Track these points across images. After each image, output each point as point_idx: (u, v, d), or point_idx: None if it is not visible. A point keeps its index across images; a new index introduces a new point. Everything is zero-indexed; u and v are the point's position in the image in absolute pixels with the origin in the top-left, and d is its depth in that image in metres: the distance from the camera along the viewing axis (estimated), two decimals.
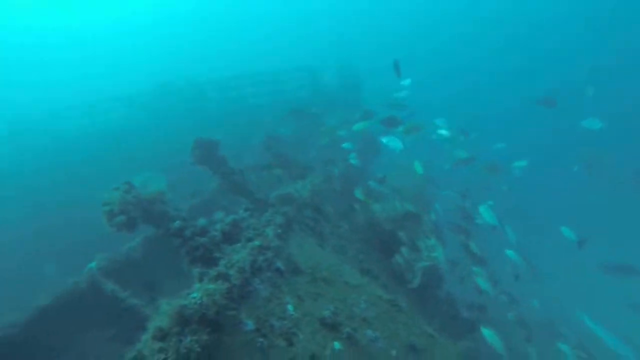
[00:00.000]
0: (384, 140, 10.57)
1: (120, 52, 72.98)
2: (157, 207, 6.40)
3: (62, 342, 7.34)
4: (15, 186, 17.03)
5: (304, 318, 6.01)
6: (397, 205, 10.92)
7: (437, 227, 11.02)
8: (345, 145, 12.09)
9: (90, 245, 9.84)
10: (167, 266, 9.54)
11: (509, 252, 10.47)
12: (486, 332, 6.83)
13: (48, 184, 16.61)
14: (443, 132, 12.29)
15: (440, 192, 15.55)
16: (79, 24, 68.77)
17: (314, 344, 5.64)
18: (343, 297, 7.01)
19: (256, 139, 12.19)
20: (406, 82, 12.84)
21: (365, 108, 15.43)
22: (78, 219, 13.34)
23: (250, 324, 5.24)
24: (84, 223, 11.23)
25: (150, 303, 7.97)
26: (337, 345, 5.86)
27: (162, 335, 4.01)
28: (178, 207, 7.02)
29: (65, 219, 15.00)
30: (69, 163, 17.05)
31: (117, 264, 9.09)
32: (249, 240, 6.62)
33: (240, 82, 19.97)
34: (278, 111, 16.98)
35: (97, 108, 19.17)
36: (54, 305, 7.48)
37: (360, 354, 5.99)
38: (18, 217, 16.00)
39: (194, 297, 4.47)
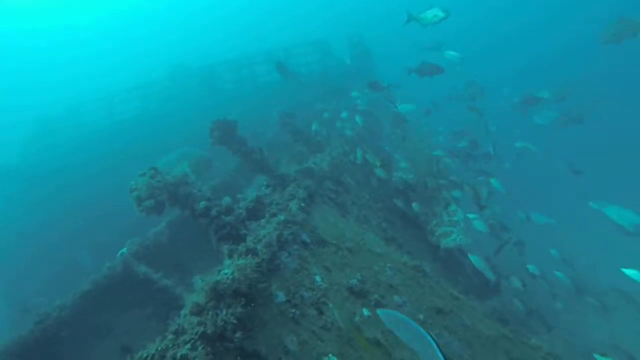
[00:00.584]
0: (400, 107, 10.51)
1: (130, 42, 72.94)
2: (182, 190, 6.55)
3: (108, 321, 7.71)
4: (48, 185, 17.55)
5: (332, 287, 6.16)
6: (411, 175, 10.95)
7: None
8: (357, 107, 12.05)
9: (124, 233, 10.22)
10: (192, 247, 9.84)
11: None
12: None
13: (80, 180, 17.04)
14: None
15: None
16: (81, 22, 68.51)
17: (343, 311, 5.81)
18: (369, 266, 7.14)
19: (273, 116, 12.23)
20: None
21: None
22: (112, 210, 13.81)
23: (281, 296, 5.41)
24: (119, 212, 11.60)
25: (180, 283, 8.28)
26: (365, 311, 6.02)
27: (199, 310, 4.19)
28: (202, 189, 7.17)
29: (101, 211, 15.54)
30: (96, 157, 17.41)
31: (147, 248, 9.41)
32: (273, 215, 6.75)
33: (252, 61, 19.92)
34: (291, 87, 16.89)
35: (114, 100, 19.37)
36: (94, 289, 7.84)
37: None
38: (56, 215, 16.58)
39: (226, 273, 4.63)
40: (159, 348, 3.52)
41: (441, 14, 8.85)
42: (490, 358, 6.51)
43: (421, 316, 6.47)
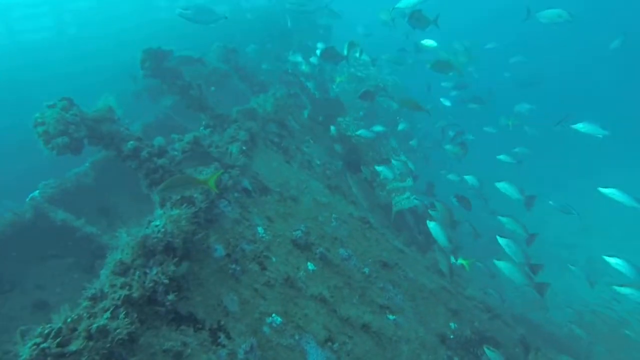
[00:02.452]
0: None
1: None
2: (105, 127, 5.60)
3: (14, 275, 6.73)
4: None
5: (275, 240, 5.67)
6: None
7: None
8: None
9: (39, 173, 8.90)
10: (123, 191, 8.85)
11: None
12: (430, 224, 6.75)
13: None
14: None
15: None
16: None
17: (287, 266, 5.35)
18: (314, 216, 6.70)
19: (213, 50, 11.00)
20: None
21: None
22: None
23: (220, 250, 4.83)
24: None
25: (108, 230, 7.37)
26: (310, 266, 5.61)
27: (124, 270, 3.53)
28: (130, 126, 6.22)
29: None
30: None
31: (66, 191, 8.28)
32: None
33: None
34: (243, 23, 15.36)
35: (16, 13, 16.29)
36: None
37: (334, 273, 5.79)
38: None
39: (157, 225, 3.95)
40: (69, 319, 2.83)
41: None
42: (431, 310, 6.44)
43: (367, 270, 6.19)
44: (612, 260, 7.13)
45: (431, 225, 6.64)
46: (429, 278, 7.21)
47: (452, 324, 6.36)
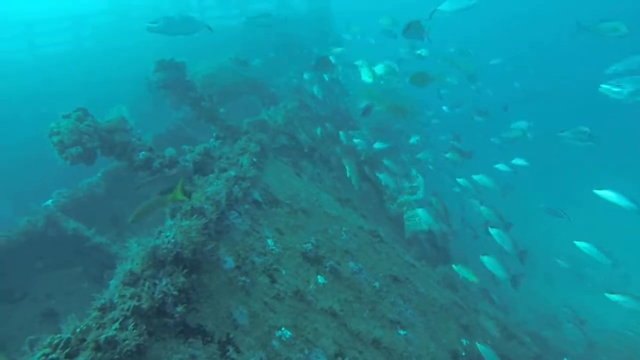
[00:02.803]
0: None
1: None
2: (118, 137, 5.62)
3: (23, 283, 6.73)
4: None
5: (285, 252, 5.62)
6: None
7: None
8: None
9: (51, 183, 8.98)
10: (132, 201, 8.88)
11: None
12: (485, 259, 6.76)
13: None
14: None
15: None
16: None
17: (297, 279, 5.29)
18: (324, 229, 6.65)
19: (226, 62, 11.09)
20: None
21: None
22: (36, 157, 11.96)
23: (230, 261, 4.79)
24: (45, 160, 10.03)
25: (117, 240, 7.37)
26: (320, 279, 5.54)
27: (133, 280, 3.49)
28: (142, 137, 6.24)
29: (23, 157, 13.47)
30: (15, 99, 14.83)
31: (78, 201, 8.32)
32: (223, 170, 6.00)
33: (203, 4, 18.16)
34: (249, 34, 15.48)
35: (37, 28, 16.58)
36: (7, 247, 6.76)
37: (344, 287, 5.71)
38: None
39: (167, 236, 3.91)
40: (78, 330, 2.80)
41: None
42: (442, 325, 6.32)
43: (377, 284, 6.10)
44: (581, 245, 7.25)
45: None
46: (439, 293, 7.10)
47: (463, 340, 6.23)
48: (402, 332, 5.62)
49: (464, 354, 5.98)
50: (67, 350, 2.63)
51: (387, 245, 7.24)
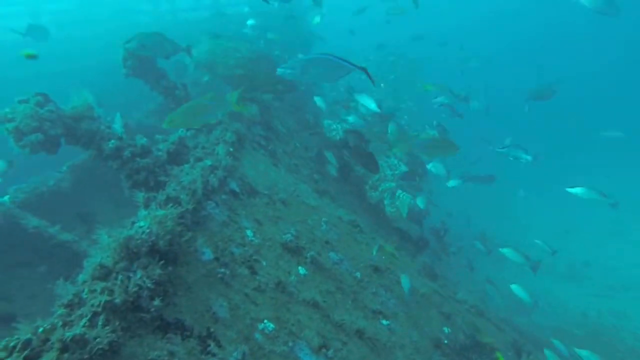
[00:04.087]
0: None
1: None
2: (85, 125, 5.22)
3: None
4: None
5: (265, 243, 5.36)
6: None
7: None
8: None
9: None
10: (101, 195, 8.41)
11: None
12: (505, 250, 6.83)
13: None
14: None
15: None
16: None
17: (278, 270, 5.05)
18: (303, 219, 6.41)
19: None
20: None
21: None
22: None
23: (208, 253, 4.50)
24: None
25: (86, 237, 6.89)
26: (302, 270, 5.31)
27: (104, 274, 3.17)
28: (111, 125, 5.84)
29: None
30: None
31: (41, 197, 7.77)
32: (199, 159, 5.69)
33: None
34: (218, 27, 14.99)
35: None
36: None
37: (326, 277, 5.50)
38: None
39: (142, 226, 3.61)
40: (40, 330, 2.48)
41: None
42: (424, 314, 6.20)
43: (358, 274, 5.92)
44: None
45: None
46: (420, 282, 6.98)
47: (445, 329, 6.13)
48: (384, 322, 5.47)
49: (446, 341, 5.87)
50: (26, 353, 2.31)
51: (367, 235, 7.07)
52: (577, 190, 7.71)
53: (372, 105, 8.00)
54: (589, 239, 20.01)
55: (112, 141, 5.17)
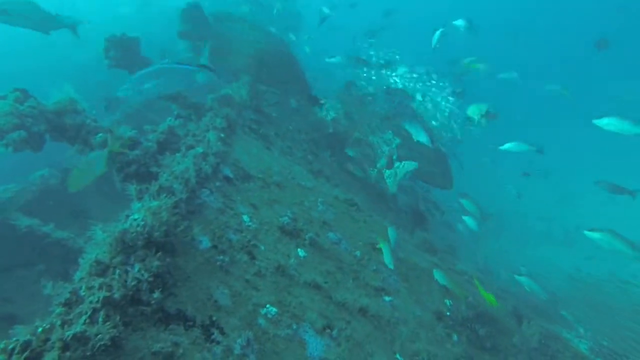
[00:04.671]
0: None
1: None
2: (69, 119, 5.09)
3: None
4: None
5: (263, 227, 5.31)
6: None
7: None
8: None
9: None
10: (93, 191, 8.26)
11: None
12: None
13: None
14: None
15: None
16: None
17: (277, 254, 5.01)
18: (299, 201, 6.36)
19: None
20: None
21: None
22: None
23: (205, 241, 4.45)
24: None
25: (81, 234, 6.78)
26: (301, 252, 5.28)
27: (102, 269, 3.11)
28: (97, 119, 5.69)
29: None
30: None
31: (32, 195, 7.61)
32: (190, 147, 5.59)
33: None
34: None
35: None
36: None
37: (325, 258, 5.48)
38: None
39: (136, 219, 3.54)
40: (40, 330, 2.42)
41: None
42: (425, 288, 6.22)
43: (358, 253, 5.90)
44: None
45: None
46: (419, 257, 6.99)
47: (447, 301, 6.16)
48: (387, 298, 5.47)
49: (448, 314, 5.90)
50: (26, 354, 2.26)
51: (365, 213, 7.04)
52: (606, 121, 7.24)
53: (423, 138, 7.82)
54: (583, 207, 20.23)
55: (99, 134, 5.05)
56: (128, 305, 3.01)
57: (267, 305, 4.27)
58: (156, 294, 3.21)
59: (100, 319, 2.63)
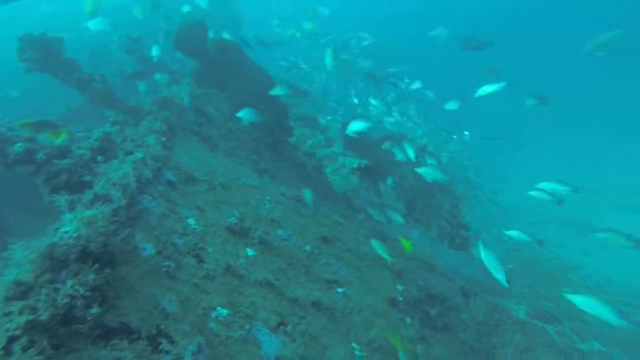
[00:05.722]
0: None
1: None
2: None
3: None
4: None
5: (209, 229, 5.06)
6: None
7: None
8: None
9: None
10: (15, 207, 7.51)
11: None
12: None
13: None
14: None
15: None
16: None
17: (226, 255, 4.78)
18: (246, 201, 6.14)
19: (114, 41, 9.72)
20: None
21: None
22: None
23: (149, 248, 4.16)
24: None
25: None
26: (250, 251, 5.08)
27: (23, 291, 2.77)
28: (14, 126, 5.15)
29: None
30: None
31: None
32: (129, 153, 5.23)
33: None
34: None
35: None
36: None
37: (275, 255, 5.30)
38: None
39: (67, 231, 3.21)
40: None
41: None
42: (377, 276, 6.18)
43: (308, 247, 5.77)
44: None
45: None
46: (369, 246, 6.94)
47: (399, 287, 6.15)
48: (339, 290, 5.38)
49: (401, 299, 5.89)
50: None
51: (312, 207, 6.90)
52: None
53: (412, 155, 7.74)
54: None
55: (19, 144, 4.59)
56: (59, 325, 2.70)
57: (218, 308, 4.05)
58: (94, 309, 2.92)
59: (17, 348, 2.31)
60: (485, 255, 5.12)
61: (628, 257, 14.84)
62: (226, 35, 9.56)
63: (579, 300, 4.74)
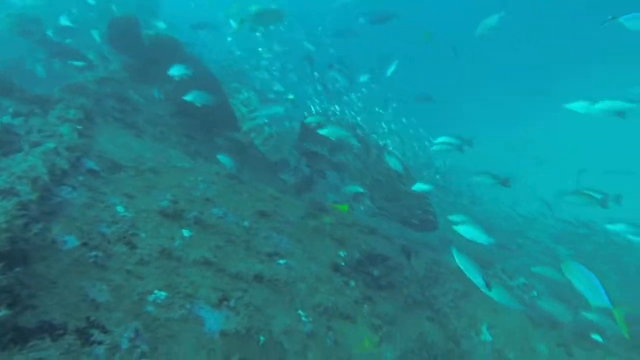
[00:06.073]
0: None
1: None
2: None
3: None
4: None
5: (140, 215, 4.79)
6: None
7: None
8: None
9: None
10: None
11: None
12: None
13: None
14: None
15: None
16: None
17: (160, 238, 4.56)
18: (178, 183, 5.88)
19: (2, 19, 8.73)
20: None
21: None
22: None
23: (71, 240, 3.86)
24: None
25: None
26: (186, 232, 4.88)
27: None
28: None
29: None
30: None
31: None
32: (36, 145, 4.80)
33: None
34: None
35: None
36: None
37: (213, 234, 5.14)
38: None
39: None
40: None
41: None
42: (319, 245, 6.18)
43: (246, 223, 5.64)
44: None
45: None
46: (309, 217, 6.92)
47: (341, 252, 6.19)
48: (281, 261, 5.32)
49: (343, 264, 5.94)
50: None
51: (248, 184, 6.76)
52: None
53: (399, 167, 7.55)
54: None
55: None
56: None
57: (155, 291, 3.86)
58: (2, 312, 2.65)
59: None
60: (459, 260, 5.24)
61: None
62: (161, 25, 9.01)
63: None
